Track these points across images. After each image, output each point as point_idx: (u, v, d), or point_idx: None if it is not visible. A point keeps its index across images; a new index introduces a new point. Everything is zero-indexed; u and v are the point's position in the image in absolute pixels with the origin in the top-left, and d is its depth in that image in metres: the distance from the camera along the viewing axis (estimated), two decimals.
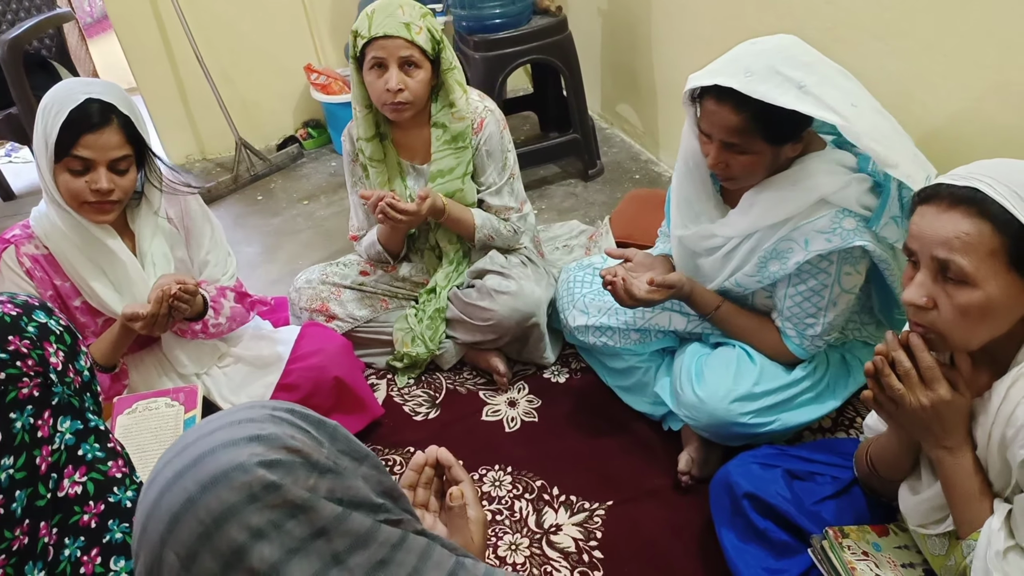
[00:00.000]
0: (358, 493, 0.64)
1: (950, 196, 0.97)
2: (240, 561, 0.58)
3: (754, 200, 1.48)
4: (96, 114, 1.47)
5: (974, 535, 1.01)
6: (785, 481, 1.36)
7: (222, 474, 0.60)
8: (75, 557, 0.90)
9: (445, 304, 2.00)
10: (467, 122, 1.90)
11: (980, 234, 0.94)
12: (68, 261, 1.57)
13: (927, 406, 1.03)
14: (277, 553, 0.58)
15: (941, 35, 1.60)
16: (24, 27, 2.66)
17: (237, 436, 0.62)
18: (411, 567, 0.63)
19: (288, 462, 0.61)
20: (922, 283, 1.00)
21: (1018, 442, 0.95)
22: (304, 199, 3.17)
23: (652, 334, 1.77)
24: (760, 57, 1.33)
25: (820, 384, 1.60)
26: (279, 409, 0.67)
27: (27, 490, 0.86)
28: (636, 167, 3.07)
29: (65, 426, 0.91)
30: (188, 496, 0.59)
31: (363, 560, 0.61)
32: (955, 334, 1.00)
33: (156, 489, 0.62)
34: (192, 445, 0.63)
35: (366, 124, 1.93)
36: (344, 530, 0.61)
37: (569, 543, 1.57)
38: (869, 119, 1.34)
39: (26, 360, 0.87)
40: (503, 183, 1.99)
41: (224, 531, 0.58)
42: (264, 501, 0.59)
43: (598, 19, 3.21)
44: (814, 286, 1.47)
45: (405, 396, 2.01)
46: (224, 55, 3.37)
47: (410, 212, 1.81)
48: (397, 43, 1.75)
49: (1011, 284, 0.95)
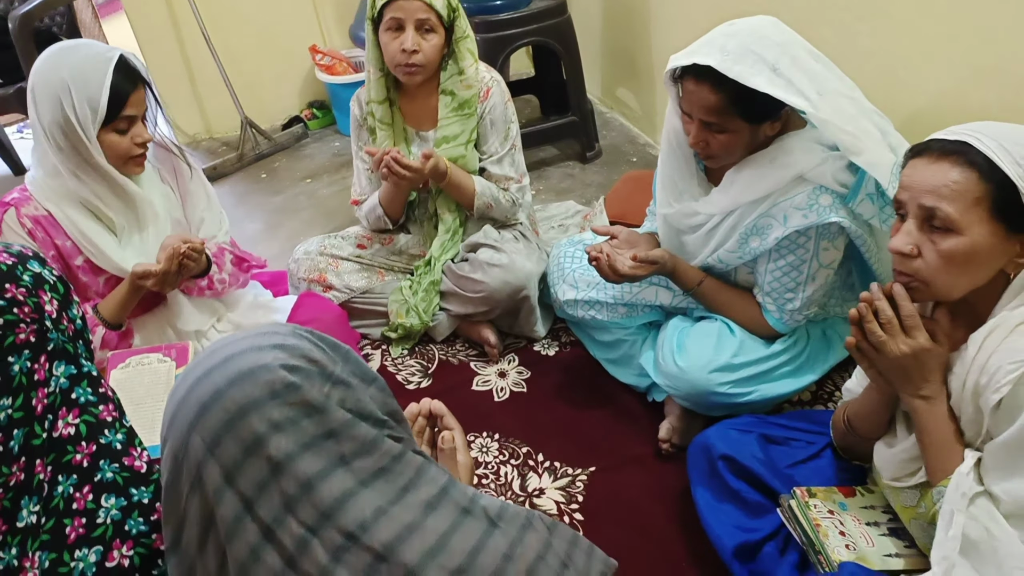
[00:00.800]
0: (366, 406, 0.71)
1: (940, 149, 1.02)
2: (259, 448, 0.65)
3: (734, 178, 1.52)
4: (130, 72, 1.56)
5: (945, 481, 1.04)
6: (760, 445, 1.41)
7: (248, 371, 0.67)
8: (68, 493, 0.94)
9: (439, 276, 2.05)
10: (475, 90, 1.95)
11: (967, 182, 0.99)
12: (71, 222, 1.61)
13: (907, 353, 1.07)
14: (292, 446, 0.65)
15: (922, 17, 1.63)
16: (35, 3, 2.71)
17: (263, 343, 0.70)
18: (408, 479, 0.69)
19: (307, 369, 0.69)
20: (909, 231, 1.05)
21: (991, 387, 0.99)
22: (307, 178, 3.22)
23: (639, 308, 1.81)
24: (735, 38, 1.36)
25: (799, 358, 1.64)
26: (300, 329, 0.74)
27: (24, 429, 0.91)
28: (634, 150, 3.10)
29: (60, 370, 0.95)
30: (216, 388, 0.66)
31: (366, 465, 0.68)
32: (938, 281, 1.04)
33: (187, 383, 0.69)
34: (222, 348, 0.70)
35: (378, 87, 1.98)
36: (352, 435, 0.68)
37: (551, 506, 1.62)
38: (834, 105, 1.36)
39: (23, 307, 0.91)
40: (504, 153, 2.04)
41: (247, 420, 0.65)
42: (284, 398, 0.66)
43: (598, 3, 3.23)
44: (792, 261, 1.50)
45: (399, 366, 2.06)
46: (231, 36, 3.41)
47: (413, 168, 1.85)
48: (415, 5, 1.80)
49: (993, 232, 0.99)
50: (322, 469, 0.65)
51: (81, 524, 0.94)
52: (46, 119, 1.52)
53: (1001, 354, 0.99)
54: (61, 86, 1.49)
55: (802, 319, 1.59)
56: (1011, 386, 0.96)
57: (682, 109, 1.48)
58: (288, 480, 0.65)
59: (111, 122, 1.55)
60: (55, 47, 1.57)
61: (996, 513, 0.98)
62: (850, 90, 1.44)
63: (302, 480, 0.65)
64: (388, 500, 0.67)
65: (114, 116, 1.54)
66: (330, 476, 0.65)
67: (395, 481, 0.68)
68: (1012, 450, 0.97)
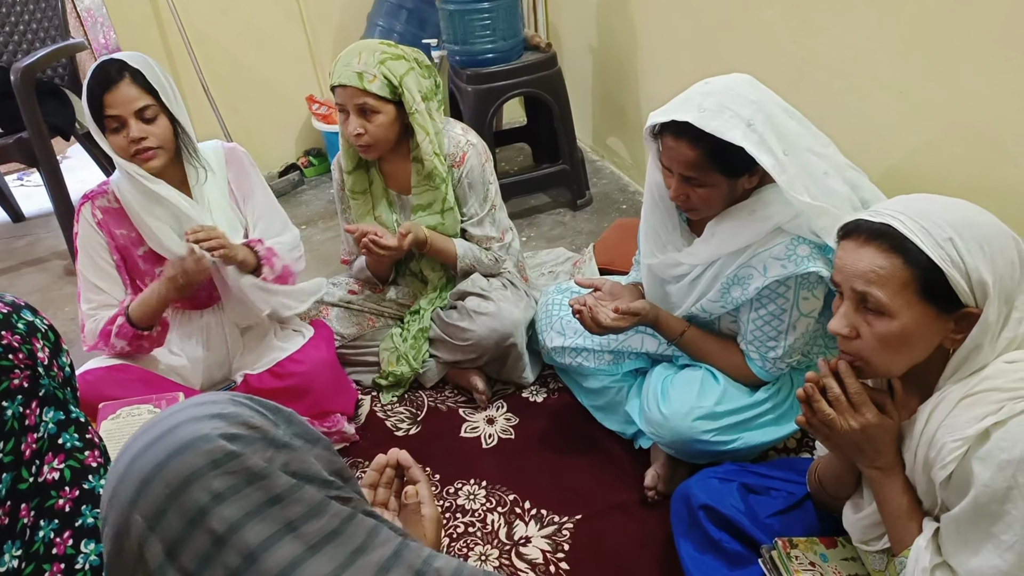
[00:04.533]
0: (310, 468, 0.70)
1: (867, 231, 1.04)
2: (202, 520, 0.63)
3: (715, 230, 1.54)
4: (111, 73, 1.65)
5: (905, 552, 1.06)
6: (741, 494, 1.41)
7: (188, 443, 0.66)
8: (48, 538, 0.95)
9: (428, 324, 2.07)
10: (432, 162, 1.95)
11: (893, 267, 1.00)
12: (135, 211, 1.76)
13: (856, 429, 1.09)
14: (236, 515, 0.64)
15: (898, 76, 1.68)
16: (38, 55, 2.77)
17: (201, 414, 0.69)
18: (360, 541, 0.68)
19: (247, 436, 0.68)
20: (845, 313, 1.07)
21: (938, 464, 1.01)
22: (303, 224, 3.27)
23: (625, 355, 1.83)
24: (711, 96, 1.39)
25: (783, 406, 1.65)
26: (238, 396, 0.74)
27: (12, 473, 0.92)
28: (624, 198, 3.15)
29: (49, 416, 0.97)
30: (157, 462, 0.65)
31: (315, 529, 0.66)
32: (877, 360, 1.06)
33: (127, 458, 0.68)
34: (160, 422, 0.70)
35: (348, 157, 2.03)
36: (298, 499, 0.67)
37: (537, 555, 1.62)
38: (802, 162, 1.39)
39: (17, 354, 0.94)
40: (484, 214, 2.06)
41: (189, 492, 0.64)
42: (225, 467, 0.65)
43: (588, 56, 3.32)
44: (774, 310, 1.53)
45: (388, 412, 2.07)
46: (230, 87, 3.49)
47: (392, 247, 1.88)
48: (351, 92, 1.84)
49: (924, 314, 1.01)
50: (268, 538, 0.64)
51: (60, 570, 0.95)
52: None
53: (946, 429, 1.00)
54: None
55: (785, 367, 1.61)
56: (956, 463, 0.98)
57: (662, 164, 1.51)
58: (231, 553, 0.63)
59: (101, 122, 1.67)
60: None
61: None
62: (823, 147, 1.47)
63: (245, 552, 0.63)
64: (339, 564, 0.65)
65: (99, 116, 1.66)
66: (275, 545, 0.64)
67: (346, 544, 0.67)
68: (963, 526, 0.98)
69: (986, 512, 0.94)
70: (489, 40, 2.72)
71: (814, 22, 1.90)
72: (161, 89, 1.70)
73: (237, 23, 3.43)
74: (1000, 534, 0.94)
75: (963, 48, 1.51)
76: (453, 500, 1.78)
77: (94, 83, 1.65)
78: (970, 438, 0.96)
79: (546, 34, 3.56)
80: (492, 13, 2.66)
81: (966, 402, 0.99)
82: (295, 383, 1.86)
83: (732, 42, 2.29)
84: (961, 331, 1.01)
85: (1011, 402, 0.95)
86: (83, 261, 1.82)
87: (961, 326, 1.01)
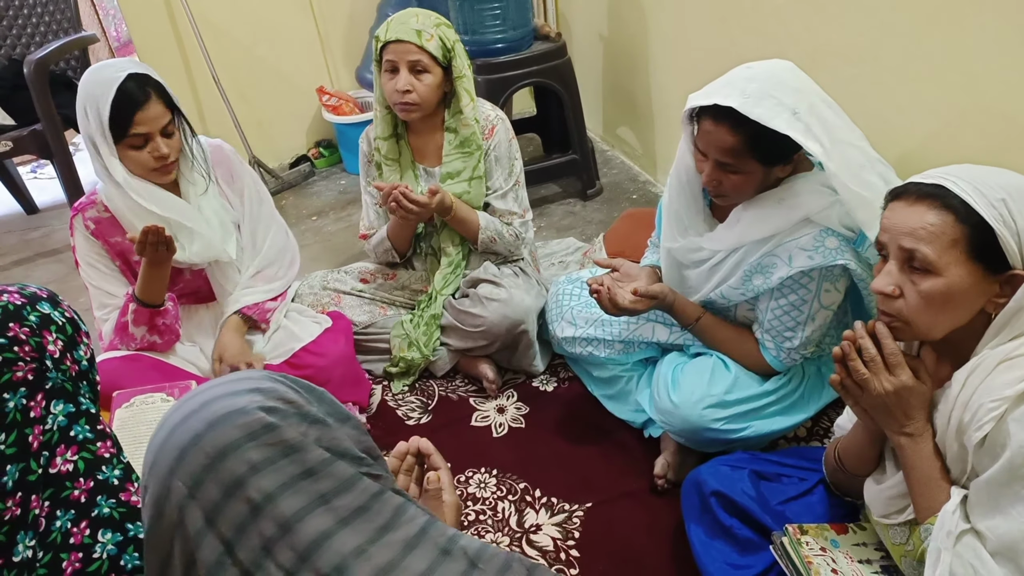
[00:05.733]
0: (342, 444, 0.72)
1: (917, 192, 1.05)
2: (239, 489, 0.66)
3: (741, 216, 1.53)
4: (138, 92, 1.65)
5: (931, 519, 1.05)
6: (752, 481, 1.41)
7: (226, 415, 0.68)
8: (66, 528, 0.97)
9: (441, 311, 2.08)
10: (473, 128, 2.00)
11: (943, 224, 1.01)
12: (128, 220, 1.76)
13: (890, 391, 1.08)
14: (271, 486, 0.66)
15: (910, 62, 1.67)
16: (50, 48, 2.79)
17: (239, 388, 0.72)
18: (387, 518, 0.70)
19: (284, 410, 0.70)
20: (890, 272, 1.07)
21: (973, 425, 1.00)
22: (313, 215, 3.28)
23: (636, 345, 1.83)
24: (755, 81, 1.37)
25: (793, 395, 1.65)
26: (274, 374, 0.76)
27: (19, 465, 0.93)
28: (634, 188, 3.15)
29: (58, 408, 0.98)
30: (195, 433, 0.68)
31: (346, 503, 0.68)
32: (919, 321, 1.06)
33: (166, 429, 0.70)
34: (199, 395, 0.72)
35: (384, 124, 2.04)
36: (330, 473, 0.69)
37: (548, 542, 1.63)
38: (843, 155, 1.38)
39: (23, 346, 0.94)
40: (508, 188, 2.09)
41: (227, 463, 0.66)
42: (262, 439, 0.67)
43: (599, 45, 3.30)
44: (794, 300, 1.52)
45: (399, 401, 2.08)
46: (241, 77, 3.50)
47: (421, 203, 1.90)
48: (408, 47, 1.87)
49: (971, 273, 1.01)
50: (301, 509, 0.66)
51: (78, 559, 0.96)
52: (86, 132, 1.67)
53: (983, 392, 1.00)
54: (86, 101, 1.63)
55: (799, 358, 1.60)
56: (993, 423, 0.97)
57: (697, 147, 1.49)
58: (267, 521, 0.65)
59: (123, 139, 1.66)
60: (97, 64, 1.70)
61: (982, 551, 0.98)
62: (858, 139, 1.45)
63: (280, 521, 0.65)
64: (367, 539, 0.67)
65: (124, 134, 1.65)
66: (309, 516, 0.66)
67: (374, 520, 0.69)
68: (995, 488, 0.98)
69: (1020, 475, 0.94)
70: (499, 30, 2.71)
71: (826, 9, 1.88)
72: (177, 101, 1.73)
73: (248, 14, 3.44)
74: None
75: (976, 33, 1.50)
76: (464, 488, 1.79)
77: (123, 100, 1.62)
78: (1008, 399, 0.96)
79: (556, 23, 3.55)
80: (502, 3, 2.65)
81: (1005, 365, 0.99)
82: (311, 374, 1.87)
83: (743, 30, 2.27)
84: (1004, 295, 1.01)
85: None
86: (87, 272, 1.82)
87: (1005, 290, 1.01)
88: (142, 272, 1.73)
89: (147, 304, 1.77)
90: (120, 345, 1.81)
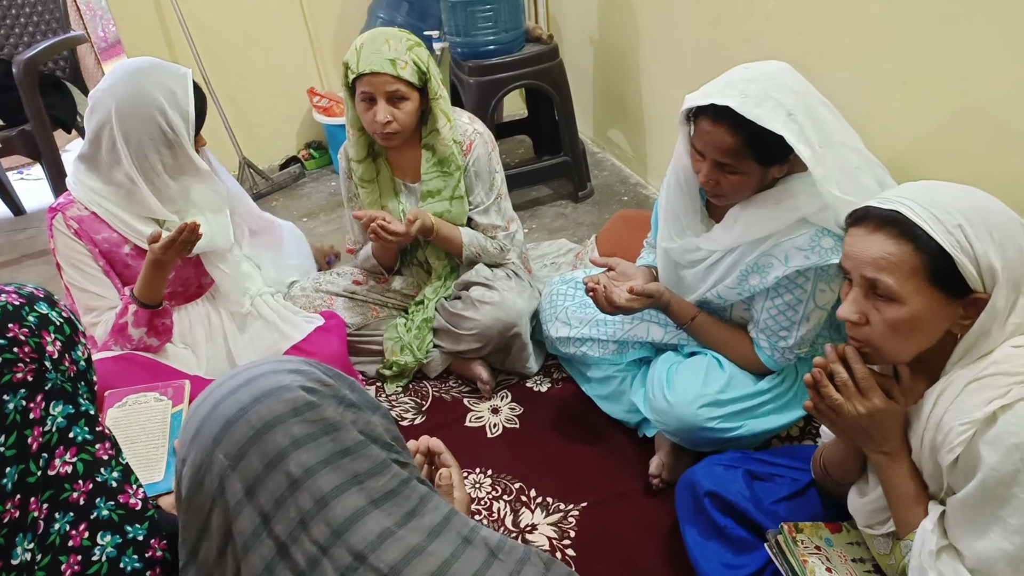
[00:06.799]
0: (375, 429, 0.74)
1: (877, 218, 1.05)
2: (281, 462, 0.68)
3: (738, 216, 1.54)
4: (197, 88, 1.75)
5: (911, 535, 1.07)
6: (746, 481, 1.42)
7: (270, 390, 0.71)
8: (64, 531, 0.96)
9: (433, 315, 2.08)
10: (451, 148, 1.97)
11: (903, 254, 1.01)
12: (114, 215, 1.76)
13: (863, 414, 1.10)
14: (311, 461, 0.68)
15: (901, 63, 1.68)
16: (39, 48, 2.77)
17: (280, 368, 0.74)
18: (414, 504, 0.72)
19: (323, 391, 0.73)
20: (855, 300, 1.08)
21: (945, 447, 1.01)
22: (304, 216, 3.27)
23: (630, 345, 1.84)
24: (754, 82, 1.37)
25: (787, 394, 1.66)
26: (308, 360, 0.79)
27: (18, 467, 0.92)
28: (625, 190, 3.16)
29: (57, 410, 0.98)
30: (241, 405, 0.70)
31: (378, 486, 0.71)
32: (886, 347, 1.07)
33: (210, 402, 0.72)
34: (242, 372, 0.75)
35: (358, 146, 2.01)
36: (365, 455, 0.71)
37: (543, 541, 1.64)
38: (837, 156, 1.39)
39: (23, 347, 0.94)
40: (490, 203, 2.07)
41: (271, 435, 0.68)
42: (305, 416, 0.70)
43: (590, 48, 3.32)
44: (790, 300, 1.53)
45: (393, 403, 2.08)
46: (231, 79, 3.48)
47: (399, 233, 1.88)
48: (383, 79, 1.81)
49: (933, 299, 1.02)
50: (338, 486, 0.68)
51: (77, 561, 0.96)
52: (135, 134, 1.66)
53: (953, 414, 1.01)
54: (154, 104, 1.65)
55: (793, 357, 1.61)
56: (963, 446, 0.98)
57: (694, 147, 1.49)
58: (304, 496, 0.67)
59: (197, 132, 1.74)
60: (128, 68, 1.70)
61: (961, 569, 1.00)
62: (855, 141, 1.46)
63: (317, 497, 0.67)
64: (396, 522, 0.69)
65: (200, 126, 1.75)
66: (344, 494, 0.68)
67: (403, 504, 0.71)
68: (970, 508, 0.99)
69: (993, 495, 0.95)
70: (491, 32, 2.71)
71: (818, 12, 1.90)
72: None
73: (238, 15, 3.42)
74: (1008, 517, 0.95)
75: (968, 37, 1.51)
76: None
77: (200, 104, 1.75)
78: (977, 421, 0.97)
79: (547, 26, 3.56)
80: (494, 5, 2.66)
81: (973, 386, 1.00)
82: None
83: (735, 33, 2.29)
84: (969, 317, 1.02)
85: (1018, 386, 0.95)
86: (70, 274, 1.79)
87: (969, 312, 1.02)
88: (145, 273, 1.73)
89: (147, 305, 1.77)
90: (114, 346, 1.80)
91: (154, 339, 1.82)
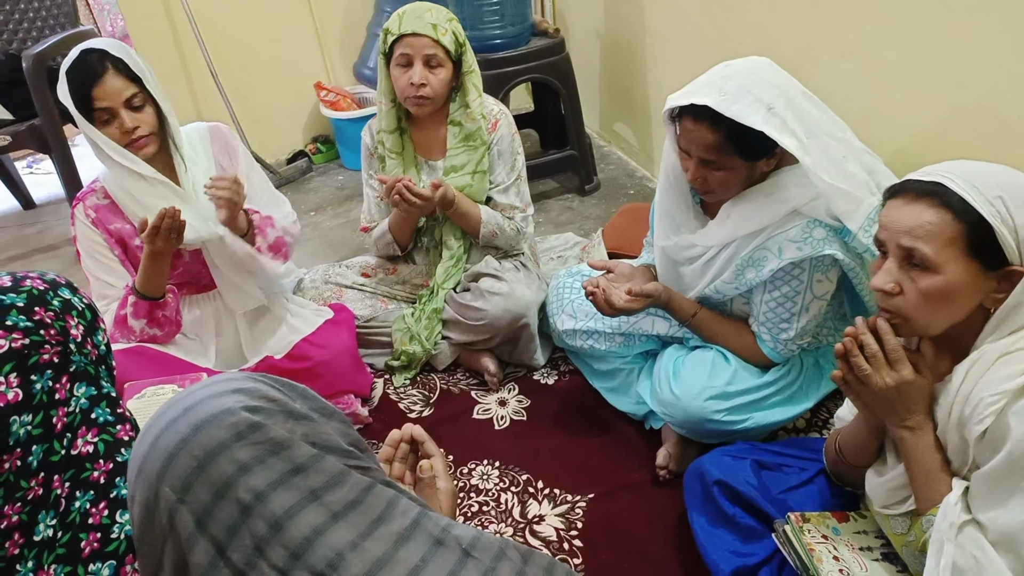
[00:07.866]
0: (329, 439, 0.71)
1: (916, 189, 1.06)
2: (229, 490, 0.65)
3: (731, 212, 1.56)
4: (94, 65, 1.64)
5: (933, 510, 1.08)
6: (754, 470, 1.44)
7: (212, 417, 0.67)
8: (84, 508, 0.98)
9: (442, 305, 2.10)
10: (479, 123, 2.02)
11: (941, 223, 1.02)
12: (126, 204, 1.77)
13: (891, 385, 1.11)
14: (262, 484, 0.65)
15: (903, 57, 1.69)
16: (48, 43, 2.78)
17: (222, 389, 0.71)
18: (380, 510, 0.69)
19: (268, 408, 0.69)
20: (889, 269, 1.09)
21: (974, 419, 1.02)
22: (311, 211, 3.28)
23: (636, 338, 1.85)
24: (732, 79, 1.40)
25: (792, 386, 1.68)
26: (255, 374, 0.76)
27: (43, 445, 0.95)
28: (631, 183, 3.17)
29: (81, 391, 1.00)
30: (182, 437, 0.66)
31: (337, 498, 0.68)
32: (918, 317, 1.08)
33: (151, 436, 0.69)
34: (182, 400, 0.71)
35: (389, 117, 2.05)
36: (319, 468, 0.68)
37: (551, 532, 1.65)
38: (822, 147, 1.41)
39: (49, 329, 0.96)
40: (511, 183, 2.10)
41: (215, 463, 0.65)
42: (250, 439, 0.66)
43: (596, 42, 3.33)
44: (787, 292, 1.55)
45: (401, 395, 2.09)
46: (238, 73, 3.50)
47: (424, 197, 1.91)
48: (423, 41, 1.88)
49: (969, 270, 1.03)
50: (292, 506, 0.65)
51: (96, 539, 0.97)
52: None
53: (983, 386, 1.02)
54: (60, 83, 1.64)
55: (796, 348, 1.63)
56: (993, 417, 0.99)
57: (680, 147, 1.52)
58: (258, 521, 0.65)
59: (91, 115, 1.66)
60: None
61: (983, 541, 1.01)
62: (841, 131, 1.48)
63: (271, 520, 0.65)
64: (360, 533, 0.67)
65: (90, 109, 1.65)
66: (300, 513, 0.65)
67: (367, 513, 0.68)
68: (996, 480, 1.00)
69: (1019, 466, 0.96)
70: (498, 26, 2.73)
71: (821, 5, 1.91)
72: (143, 76, 1.70)
73: (245, 9, 3.44)
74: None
75: (970, 30, 1.52)
76: (467, 480, 1.80)
77: (79, 76, 1.63)
78: (1008, 392, 0.98)
79: (554, 20, 3.57)
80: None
81: (1004, 359, 1.01)
82: (311, 366, 1.88)
83: (739, 26, 2.30)
84: (1003, 290, 1.03)
85: None
86: (87, 263, 1.82)
87: (1003, 285, 1.03)
88: (143, 264, 1.73)
89: (147, 296, 1.77)
90: (120, 338, 1.81)
91: (156, 330, 1.81)
